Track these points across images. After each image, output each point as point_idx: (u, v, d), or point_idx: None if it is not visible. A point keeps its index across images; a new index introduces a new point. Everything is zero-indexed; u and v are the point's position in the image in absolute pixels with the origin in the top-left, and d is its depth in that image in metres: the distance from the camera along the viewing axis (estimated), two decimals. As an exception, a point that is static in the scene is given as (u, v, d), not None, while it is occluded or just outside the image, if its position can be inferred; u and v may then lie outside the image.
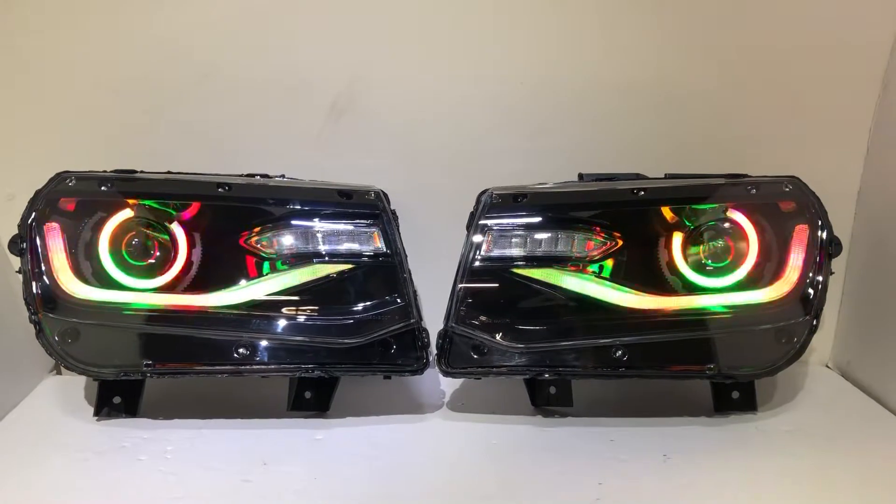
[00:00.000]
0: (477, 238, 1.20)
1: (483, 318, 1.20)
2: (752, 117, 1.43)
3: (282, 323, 1.21)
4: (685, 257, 1.25)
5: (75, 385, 1.33)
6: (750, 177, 1.24)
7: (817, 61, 1.41)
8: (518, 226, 1.21)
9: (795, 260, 1.23)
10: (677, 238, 1.25)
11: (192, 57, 1.38)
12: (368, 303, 1.21)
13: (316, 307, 1.22)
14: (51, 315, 1.16)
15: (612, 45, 1.41)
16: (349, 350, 1.19)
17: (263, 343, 1.19)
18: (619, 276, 1.24)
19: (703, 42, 1.41)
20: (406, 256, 1.22)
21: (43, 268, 1.16)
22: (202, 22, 1.38)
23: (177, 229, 1.22)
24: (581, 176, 1.31)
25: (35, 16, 1.36)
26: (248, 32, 1.39)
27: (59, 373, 1.42)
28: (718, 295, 1.24)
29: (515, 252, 1.22)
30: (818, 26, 1.40)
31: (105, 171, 1.20)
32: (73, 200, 1.19)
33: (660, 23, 1.40)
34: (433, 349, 1.21)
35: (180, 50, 1.38)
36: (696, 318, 1.22)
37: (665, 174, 1.27)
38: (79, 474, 1.08)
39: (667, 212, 1.25)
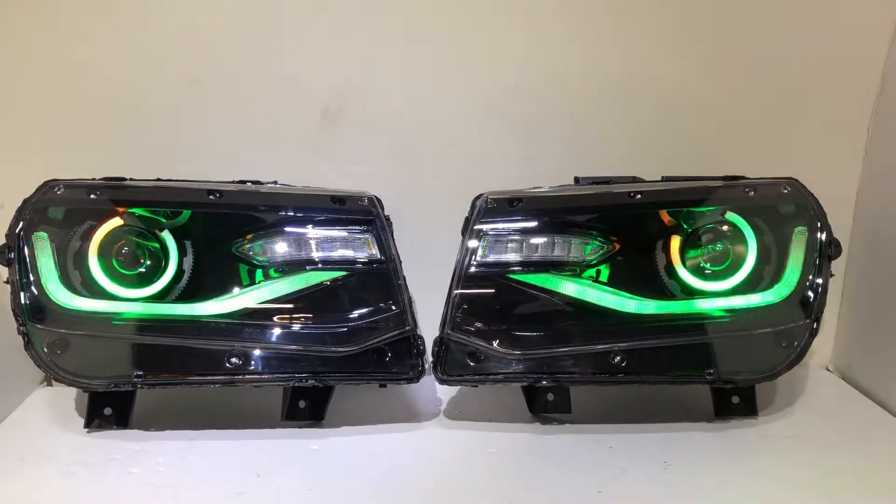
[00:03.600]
0: (472, 243, 1.19)
1: (479, 324, 1.19)
2: (750, 119, 1.42)
3: (275, 331, 1.19)
4: (683, 261, 1.24)
5: (66, 396, 1.31)
6: (748, 179, 1.22)
7: (815, 62, 1.40)
8: (514, 230, 1.20)
9: (795, 262, 1.21)
10: (675, 241, 1.24)
11: (181, 62, 1.37)
12: (363, 310, 1.20)
13: (309, 315, 1.20)
14: (39, 326, 1.14)
15: (607, 46, 1.40)
16: (344, 358, 1.17)
17: (256, 352, 1.17)
18: (617, 281, 1.23)
19: (700, 43, 1.40)
20: (400, 263, 1.20)
21: (31, 278, 1.14)
22: (192, 27, 1.36)
23: (167, 237, 1.21)
24: (577, 179, 1.29)
25: (23, 23, 1.35)
26: (239, 38, 1.37)
27: (49, 384, 1.40)
28: (717, 299, 1.23)
29: (511, 257, 1.20)
30: (816, 26, 1.39)
31: (94, 179, 1.19)
32: (61, 209, 1.17)
33: (655, 25, 1.39)
34: (429, 357, 1.20)
35: (170, 56, 1.37)
36: (695, 323, 1.21)
37: (662, 177, 1.26)
38: (69, 487, 1.06)
39: (664, 215, 1.24)
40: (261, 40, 1.37)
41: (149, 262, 1.20)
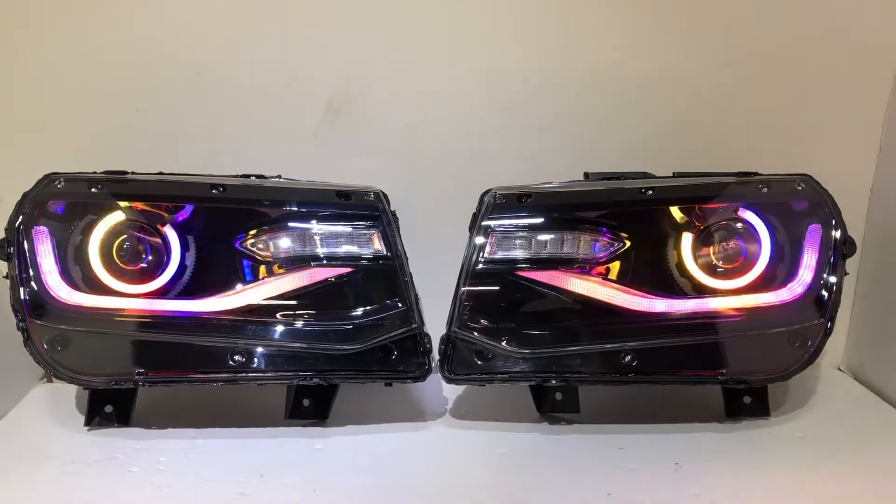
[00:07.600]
0: (480, 240, 1.17)
1: (486, 322, 1.17)
2: (763, 114, 1.41)
3: (279, 329, 1.17)
4: (695, 258, 1.22)
5: (66, 393, 1.30)
6: (761, 175, 1.21)
7: (829, 58, 1.39)
8: (522, 227, 1.18)
9: (808, 260, 1.20)
10: (687, 239, 1.22)
11: (184, 55, 1.35)
12: (368, 307, 1.18)
13: (314, 312, 1.19)
14: (39, 322, 1.13)
15: (617, 40, 1.38)
16: (349, 356, 1.16)
17: (260, 350, 1.16)
18: (627, 279, 1.21)
19: (712, 38, 1.39)
20: (407, 259, 1.19)
21: (31, 273, 1.13)
22: (194, 19, 1.35)
23: (169, 232, 1.19)
24: (587, 175, 1.27)
25: (22, 15, 1.33)
26: (242, 30, 1.36)
27: (49, 381, 1.38)
28: (730, 297, 1.21)
29: (519, 254, 1.19)
30: (829, 22, 1.38)
31: (95, 173, 1.17)
32: (62, 203, 1.16)
33: (667, 18, 1.38)
34: (435, 355, 1.18)
35: (172, 48, 1.35)
36: (707, 322, 1.19)
37: (673, 173, 1.25)
38: (69, 486, 1.05)
39: (675, 212, 1.22)
40: (264, 31, 1.36)
41: (150, 258, 1.18)
